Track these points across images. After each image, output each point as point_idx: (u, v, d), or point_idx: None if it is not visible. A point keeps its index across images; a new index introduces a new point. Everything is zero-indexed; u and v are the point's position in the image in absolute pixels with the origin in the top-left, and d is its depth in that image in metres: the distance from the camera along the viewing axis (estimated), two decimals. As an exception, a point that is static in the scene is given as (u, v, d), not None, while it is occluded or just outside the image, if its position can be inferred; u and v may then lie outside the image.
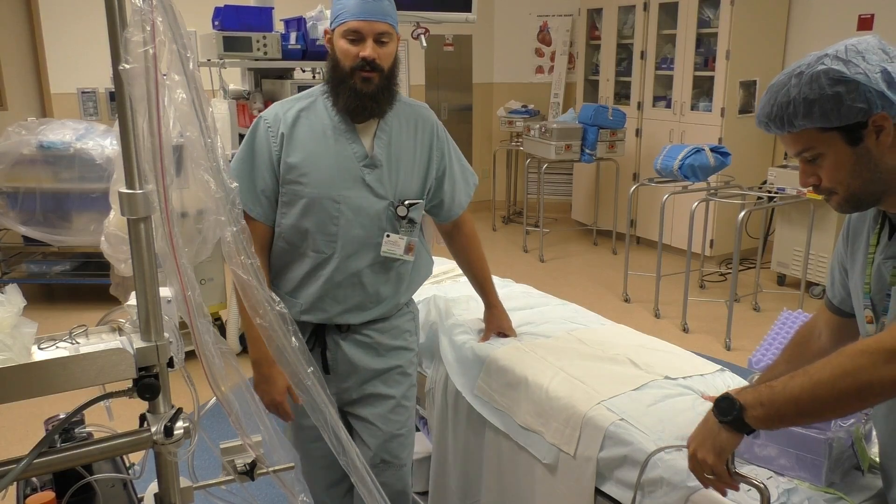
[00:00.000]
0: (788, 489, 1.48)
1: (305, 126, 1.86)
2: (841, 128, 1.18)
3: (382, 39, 1.80)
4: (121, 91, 1.01)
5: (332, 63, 1.85)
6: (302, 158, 1.84)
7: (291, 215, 1.87)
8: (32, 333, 1.12)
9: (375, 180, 1.88)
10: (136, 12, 0.99)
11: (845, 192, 1.23)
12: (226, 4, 3.77)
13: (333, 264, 1.88)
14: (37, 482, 1.29)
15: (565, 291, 4.42)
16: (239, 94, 3.99)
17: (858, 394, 1.10)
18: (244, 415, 1.21)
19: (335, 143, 1.86)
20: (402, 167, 1.92)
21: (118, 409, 1.24)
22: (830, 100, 1.17)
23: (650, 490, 1.60)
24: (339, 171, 1.86)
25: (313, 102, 1.90)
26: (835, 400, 1.12)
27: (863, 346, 1.10)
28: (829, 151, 1.21)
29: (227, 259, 1.16)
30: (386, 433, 2.03)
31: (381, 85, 1.82)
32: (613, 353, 2.09)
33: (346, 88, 1.81)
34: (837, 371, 1.10)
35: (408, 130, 1.95)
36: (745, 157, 5.49)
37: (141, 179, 1.04)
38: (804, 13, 5.55)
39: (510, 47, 7.67)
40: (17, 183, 4.65)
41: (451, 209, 2.08)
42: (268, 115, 1.89)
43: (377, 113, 1.87)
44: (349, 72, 1.80)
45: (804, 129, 1.21)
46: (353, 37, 1.79)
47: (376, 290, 1.94)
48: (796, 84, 1.20)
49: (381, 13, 1.78)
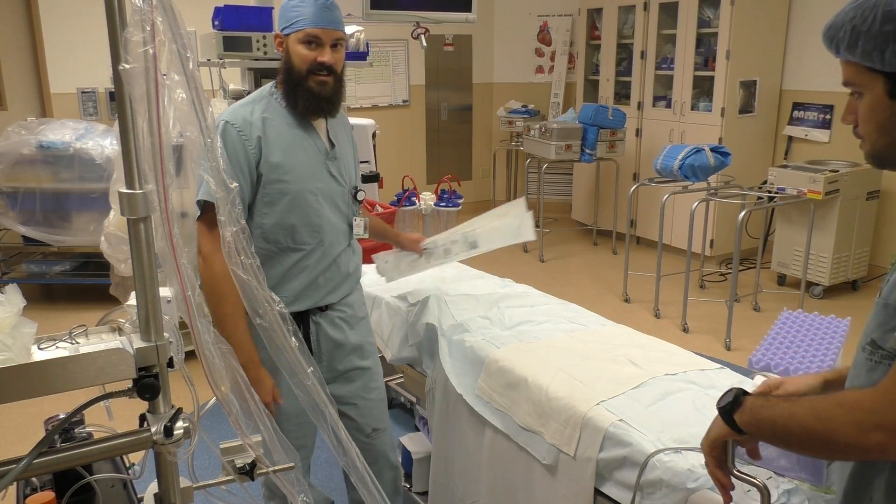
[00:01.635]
0: (789, 490, 1.48)
1: (273, 127, 1.96)
2: (886, 74, 1.05)
3: (338, 45, 1.95)
4: (121, 91, 1.01)
5: (286, 66, 1.96)
6: (282, 156, 1.94)
7: (275, 213, 1.95)
8: (32, 333, 1.12)
9: (336, 170, 2.05)
10: (136, 12, 0.99)
11: (871, 145, 1.13)
12: (226, 4, 3.77)
13: (317, 254, 2.01)
14: (37, 482, 1.29)
15: (565, 291, 4.42)
16: (239, 93, 3.98)
17: (824, 444, 1.04)
18: (244, 415, 1.21)
19: (303, 139, 1.99)
20: (347, 157, 2.12)
21: (118, 409, 1.24)
22: (878, 38, 1.03)
23: (649, 491, 1.60)
24: (310, 165, 1.99)
25: (268, 104, 1.98)
26: (803, 441, 1.07)
27: (844, 397, 1.04)
28: (868, 94, 1.09)
29: (227, 259, 1.16)
30: (370, 402, 2.22)
31: (335, 87, 1.97)
32: (613, 354, 2.09)
33: (302, 90, 1.93)
34: (811, 416, 1.04)
35: (342, 128, 2.15)
36: (745, 157, 5.49)
37: (141, 179, 1.04)
38: (804, 13, 5.55)
39: (510, 47, 7.67)
40: (17, 183, 4.65)
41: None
42: (234, 119, 1.91)
43: (331, 112, 2.03)
44: (305, 75, 1.92)
45: (848, 60, 1.10)
46: (311, 42, 1.91)
47: (347, 268, 2.12)
48: (854, 8, 1.07)
49: (336, 22, 1.94)
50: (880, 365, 1.06)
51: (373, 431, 2.23)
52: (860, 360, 1.11)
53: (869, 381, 1.07)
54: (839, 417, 1.01)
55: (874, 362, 1.07)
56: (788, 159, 5.70)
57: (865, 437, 0.98)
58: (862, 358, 1.10)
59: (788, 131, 5.74)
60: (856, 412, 1.00)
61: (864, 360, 1.10)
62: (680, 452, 1.58)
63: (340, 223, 2.07)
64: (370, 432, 2.23)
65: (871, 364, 1.07)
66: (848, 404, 1.01)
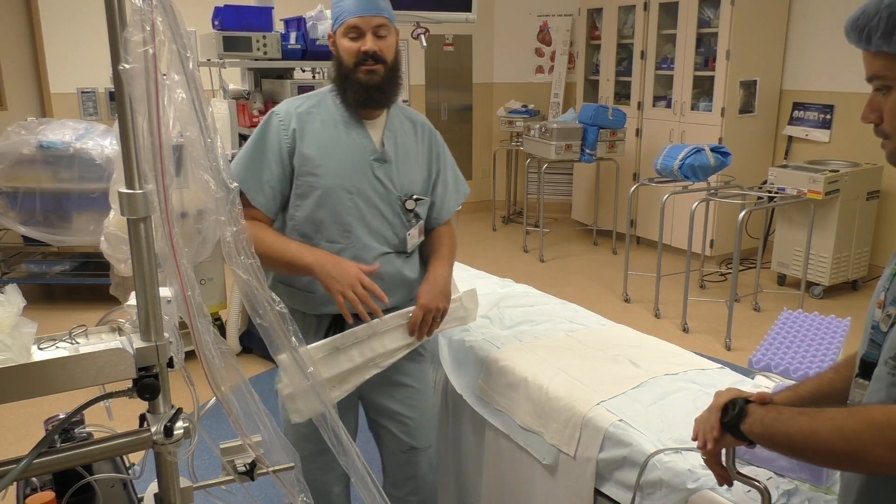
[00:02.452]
0: (789, 490, 1.48)
1: (318, 120, 1.93)
2: None
3: (380, 33, 1.88)
4: (120, 91, 1.01)
5: (336, 62, 1.93)
6: (316, 150, 1.90)
7: (306, 207, 1.91)
8: (32, 333, 1.12)
9: (384, 174, 1.94)
10: (136, 12, 0.99)
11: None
12: (226, 4, 3.77)
13: (348, 255, 1.90)
14: (37, 482, 1.29)
15: (565, 291, 4.42)
16: (239, 93, 3.98)
17: (851, 462, 1.04)
18: (244, 415, 1.20)
19: (346, 136, 1.93)
20: (407, 163, 1.99)
21: (118, 409, 1.24)
22: None
23: (649, 492, 1.60)
24: (351, 163, 1.92)
25: (322, 100, 1.97)
26: (825, 457, 1.07)
27: (872, 416, 1.02)
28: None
29: (227, 259, 1.16)
30: (409, 420, 2.08)
31: (386, 76, 1.90)
32: (613, 354, 2.09)
33: (351, 83, 1.89)
34: (836, 434, 1.03)
35: (411, 130, 2.04)
36: (745, 156, 5.49)
37: (141, 179, 1.04)
38: (804, 13, 5.55)
39: (510, 47, 7.67)
40: (17, 183, 4.65)
41: (439, 213, 2.10)
42: (279, 109, 1.95)
43: (384, 103, 1.95)
44: (352, 67, 1.88)
45: (881, 52, 1.04)
46: (353, 34, 1.87)
47: (389, 279, 1.96)
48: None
49: (375, 8, 1.87)
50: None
51: (410, 449, 2.10)
52: (881, 374, 1.09)
53: (890, 397, 1.06)
54: (869, 438, 0.99)
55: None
56: (788, 159, 5.70)
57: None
58: (884, 372, 1.09)
59: (788, 131, 5.74)
60: (887, 431, 0.98)
61: (885, 374, 1.08)
62: (680, 453, 1.58)
63: (382, 227, 1.95)
64: (407, 449, 2.10)
65: (892, 379, 1.06)
66: (878, 424, 0.99)
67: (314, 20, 3.91)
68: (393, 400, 2.07)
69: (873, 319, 1.14)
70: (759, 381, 1.91)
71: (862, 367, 1.15)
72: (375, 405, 2.09)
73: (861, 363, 1.16)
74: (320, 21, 3.91)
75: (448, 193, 2.10)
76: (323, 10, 3.97)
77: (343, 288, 1.78)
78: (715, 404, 1.27)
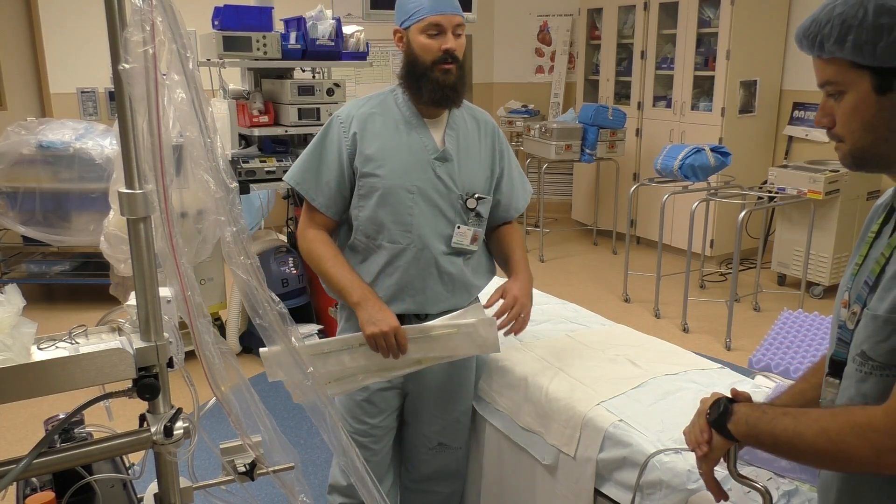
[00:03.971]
0: (789, 491, 1.48)
1: (379, 120, 1.93)
2: (873, 69, 1.03)
3: (458, 32, 1.88)
4: (120, 91, 1.01)
5: (409, 59, 1.90)
6: (377, 149, 1.91)
7: (368, 207, 1.92)
8: (32, 333, 1.12)
9: (445, 173, 1.94)
10: (136, 12, 0.99)
11: (852, 145, 1.10)
12: (226, 4, 3.77)
13: (409, 255, 1.92)
14: (37, 482, 1.29)
15: (565, 291, 4.42)
16: (239, 93, 3.98)
17: (836, 462, 1.07)
18: (244, 415, 1.20)
19: (408, 136, 1.93)
20: (470, 162, 1.98)
21: (118, 409, 1.24)
22: (870, 31, 1.01)
23: (649, 492, 1.60)
24: (412, 162, 1.92)
25: (383, 100, 1.98)
26: (810, 458, 1.10)
27: (854, 419, 1.04)
28: (852, 92, 1.06)
29: (226, 259, 1.16)
30: (445, 420, 2.11)
31: (459, 75, 1.90)
32: (613, 354, 2.09)
33: (427, 82, 1.87)
34: (821, 437, 1.05)
35: (473, 128, 2.02)
36: (745, 156, 5.49)
37: (141, 179, 1.04)
38: (804, 13, 5.55)
39: (510, 47, 7.67)
40: (17, 183, 4.65)
41: (507, 210, 2.12)
42: (341, 113, 1.97)
43: (458, 102, 1.94)
44: (430, 66, 1.86)
45: (833, 58, 1.07)
46: (433, 31, 1.85)
47: (451, 279, 1.98)
48: (839, 4, 1.04)
49: (455, 7, 1.87)
50: (871, 376, 1.07)
51: (438, 445, 2.14)
52: (850, 371, 1.12)
53: (859, 393, 1.09)
54: (852, 440, 1.02)
55: (864, 373, 1.08)
56: (788, 159, 5.70)
57: (883, 459, 1.00)
58: (852, 369, 1.11)
59: (788, 131, 5.74)
60: (869, 434, 1.00)
61: (853, 371, 1.11)
62: (680, 453, 1.58)
63: (444, 227, 1.95)
64: (435, 445, 2.14)
65: (861, 375, 1.09)
66: (860, 426, 1.02)
67: (314, 20, 3.91)
68: (432, 395, 2.08)
69: (840, 319, 1.17)
70: (759, 381, 1.91)
71: (832, 367, 1.18)
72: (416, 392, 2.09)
73: (830, 363, 1.18)
74: (320, 21, 3.91)
75: (515, 191, 2.12)
76: (323, 10, 3.97)
77: (375, 332, 1.82)
78: (700, 409, 1.30)
